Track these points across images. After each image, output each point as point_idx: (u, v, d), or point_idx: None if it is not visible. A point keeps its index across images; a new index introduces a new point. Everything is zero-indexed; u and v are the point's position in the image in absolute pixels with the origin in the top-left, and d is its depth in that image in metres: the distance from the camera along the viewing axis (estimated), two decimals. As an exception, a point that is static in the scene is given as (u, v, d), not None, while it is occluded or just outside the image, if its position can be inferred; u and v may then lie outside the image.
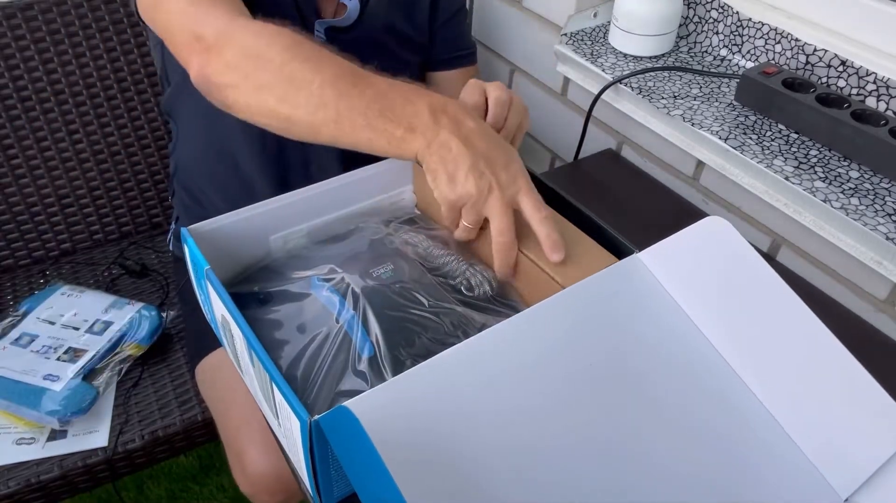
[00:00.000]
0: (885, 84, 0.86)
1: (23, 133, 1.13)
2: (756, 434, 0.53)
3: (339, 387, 0.53)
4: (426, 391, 0.46)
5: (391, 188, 0.70)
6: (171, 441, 0.99)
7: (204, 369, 0.93)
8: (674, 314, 0.56)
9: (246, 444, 0.83)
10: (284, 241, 0.66)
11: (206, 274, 0.55)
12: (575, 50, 1.08)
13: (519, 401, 0.48)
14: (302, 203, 0.65)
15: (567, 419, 0.48)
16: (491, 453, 0.45)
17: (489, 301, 0.61)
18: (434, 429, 0.44)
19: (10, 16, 1.07)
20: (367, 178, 0.67)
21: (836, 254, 0.86)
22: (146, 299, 1.14)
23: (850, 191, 0.81)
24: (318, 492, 0.50)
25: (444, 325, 0.57)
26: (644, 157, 1.10)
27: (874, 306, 0.86)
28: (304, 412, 0.44)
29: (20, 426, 0.95)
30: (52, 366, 0.97)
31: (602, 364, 0.52)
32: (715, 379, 0.55)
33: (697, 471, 0.50)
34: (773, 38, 0.97)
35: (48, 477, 0.91)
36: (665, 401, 0.52)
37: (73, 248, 1.24)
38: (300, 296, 0.58)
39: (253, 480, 0.83)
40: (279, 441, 0.58)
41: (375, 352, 0.54)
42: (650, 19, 1.02)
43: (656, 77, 1.01)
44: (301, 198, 0.64)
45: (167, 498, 1.34)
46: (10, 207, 1.17)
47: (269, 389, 0.49)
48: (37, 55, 1.10)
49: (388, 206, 0.71)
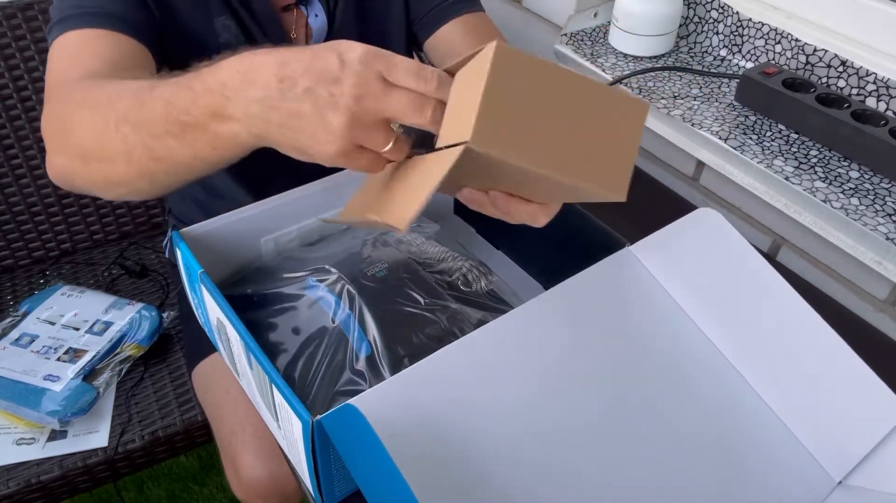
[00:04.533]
0: (885, 84, 0.86)
1: (23, 133, 1.13)
2: (749, 419, 0.53)
3: (338, 386, 0.53)
4: (428, 388, 0.46)
5: None
6: (171, 441, 0.99)
7: (199, 374, 0.93)
8: (666, 305, 0.57)
9: (239, 449, 0.83)
10: (275, 242, 0.66)
11: (199, 277, 0.55)
12: (575, 50, 1.08)
13: (519, 395, 0.48)
14: (291, 204, 0.65)
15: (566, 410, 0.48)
16: (494, 447, 0.45)
17: (485, 297, 0.61)
18: (437, 425, 0.44)
19: (10, 16, 1.07)
20: (356, 178, 0.67)
21: (836, 255, 0.86)
22: (146, 299, 1.14)
23: (850, 191, 0.81)
24: (319, 492, 0.50)
25: (441, 322, 0.57)
26: (644, 157, 1.10)
27: (874, 306, 0.86)
28: (306, 412, 0.44)
29: (20, 426, 0.95)
30: (53, 366, 0.97)
31: (597, 356, 0.52)
32: (707, 367, 0.55)
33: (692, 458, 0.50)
34: (773, 39, 0.97)
35: (48, 477, 0.91)
36: (659, 390, 0.52)
37: (73, 247, 1.24)
38: (294, 298, 0.58)
39: (246, 485, 0.83)
40: (279, 443, 0.58)
41: (373, 350, 0.54)
42: (650, 19, 1.02)
43: (656, 77, 1.01)
44: (290, 199, 0.64)
45: (167, 498, 1.34)
46: (10, 207, 1.17)
47: (268, 391, 0.49)
48: (37, 55, 1.10)
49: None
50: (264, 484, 0.82)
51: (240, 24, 0.77)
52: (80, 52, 0.63)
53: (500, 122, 0.38)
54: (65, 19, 0.66)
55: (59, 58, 0.64)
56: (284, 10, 0.81)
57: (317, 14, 0.82)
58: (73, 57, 0.63)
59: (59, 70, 0.63)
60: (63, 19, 0.66)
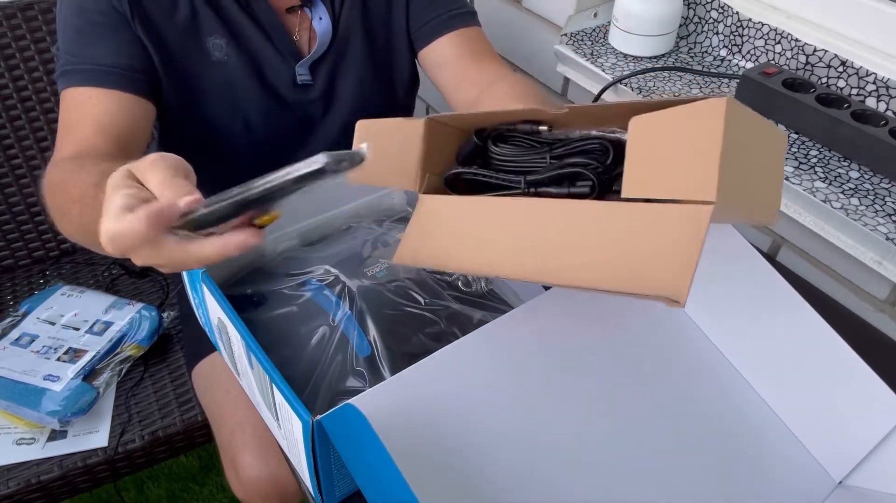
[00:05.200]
0: (885, 84, 0.86)
1: (23, 133, 1.13)
2: (749, 419, 0.53)
3: (338, 386, 0.53)
4: (428, 388, 0.46)
5: (381, 188, 0.70)
6: (171, 441, 0.99)
7: (199, 373, 0.93)
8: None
9: (239, 449, 0.84)
10: (276, 242, 0.66)
11: (200, 277, 0.55)
12: (575, 50, 1.08)
13: (518, 395, 0.48)
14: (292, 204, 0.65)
15: (565, 409, 0.48)
16: (493, 447, 0.45)
17: (485, 297, 0.61)
18: (437, 425, 0.45)
19: (10, 16, 1.07)
20: None
21: (836, 255, 0.86)
22: (146, 299, 1.14)
23: (850, 191, 0.81)
24: (319, 493, 0.50)
25: (441, 322, 0.57)
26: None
27: (874, 306, 0.86)
28: (306, 413, 0.44)
29: (20, 426, 0.95)
30: (53, 366, 0.97)
31: (599, 357, 0.52)
32: (707, 367, 0.55)
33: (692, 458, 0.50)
34: (773, 39, 0.97)
35: (48, 477, 0.91)
36: (659, 390, 0.52)
37: (73, 247, 1.24)
38: (295, 298, 0.58)
39: (246, 485, 0.83)
40: (279, 443, 0.58)
41: (373, 350, 0.54)
42: (650, 19, 1.02)
43: (656, 77, 1.01)
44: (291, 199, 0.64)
45: (167, 498, 1.34)
46: (10, 207, 1.17)
47: (268, 391, 0.49)
48: (37, 55, 1.10)
49: (378, 205, 0.71)
50: (264, 484, 0.82)
51: (234, 37, 0.78)
52: (79, 118, 0.71)
53: (728, 177, 0.39)
54: (66, 74, 0.72)
55: (64, 117, 0.72)
56: (288, 12, 0.81)
57: (321, 17, 0.82)
58: (75, 123, 0.71)
59: (62, 129, 0.71)
60: (65, 73, 0.72)
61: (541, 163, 0.51)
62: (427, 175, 0.56)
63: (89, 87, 0.71)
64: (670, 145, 0.41)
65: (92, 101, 0.71)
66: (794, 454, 0.52)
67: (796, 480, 0.51)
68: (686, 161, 0.39)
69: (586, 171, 0.47)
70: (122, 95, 0.72)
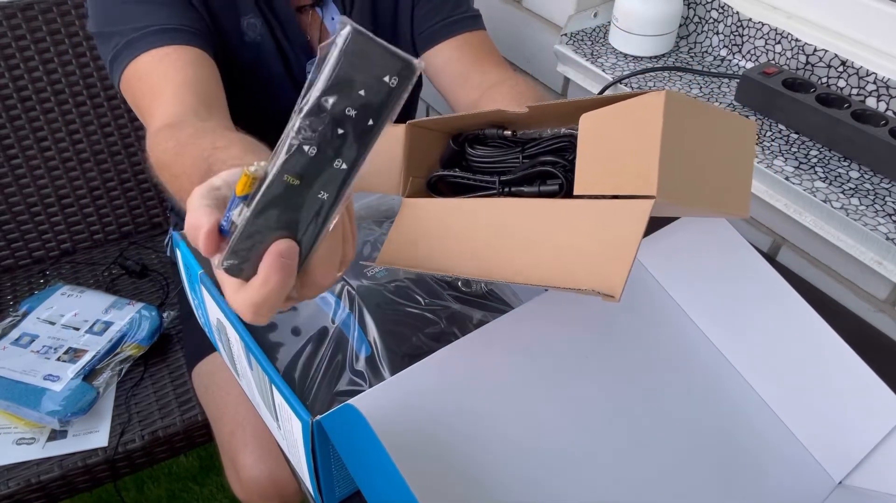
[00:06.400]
0: (885, 84, 0.86)
1: (23, 133, 1.13)
2: (749, 420, 0.53)
3: (338, 387, 0.53)
4: (427, 388, 0.46)
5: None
6: (171, 441, 0.99)
7: (199, 373, 0.93)
8: (666, 305, 0.57)
9: (239, 449, 0.84)
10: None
11: (199, 278, 0.55)
12: (575, 50, 1.08)
13: (518, 396, 0.48)
14: None
15: (565, 409, 0.48)
16: (494, 447, 0.45)
17: (485, 297, 0.61)
18: (437, 425, 0.44)
19: (10, 16, 1.07)
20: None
21: (836, 255, 0.86)
22: (146, 299, 1.14)
23: (851, 191, 0.81)
24: (319, 493, 0.50)
25: (441, 322, 0.57)
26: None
27: (874, 306, 0.86)
28: (306, 413, 0.44)
29: (20, 426, 0.95)
30: (53, 366, 0.97)
31: (598, 356, 0.52)
32: (707, 367, 0.55)
33: (693, 458, 0.50)
34: (773, 39, 0.97)
35: (48, 477, 0.91)
36: (659, 390, 0.52)
37: (73, 247, 1.24)
38: (296, 297, 0.58)
39: (246, 485, 0.83)
40: (279, 443, 0.58)
41: (373, 350, 0.54)
42: (650, 19, 1.02)
43: (656, 77, 1.01)
44: None
45: (167, 498, 1.34)
46: (10, 207, 1.17)
47: (268, 392, 0.49)
48: (37, 55, 1.10)
49: (377, 206, 0.71)
50: (264, 484, 0.82)
51: (266, 23, 0.79)
52: (158, 80, 0.67)
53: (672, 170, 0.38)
54: (131, 43, 0.69)
55: (141, 88, 0.68)
56: (300, 11, 0.82)
57: (333, 17, 0.83)
58: (156, 87, 0.67)
59: (145, 99, 0.68)
60: (130, 44, 0.69)
61: (514, 162, 0.52)
62: (411, 179, 0.56)
63: (160, 49, 0.68)
64: (616, 141, 0.41)
65: (167, 60, 0.68)
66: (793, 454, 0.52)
67: (796, 480, 0.51)
68: (630, 156, 0.39)
69: (555, 169, 0.47)
70: (193, 51, 0.70)
